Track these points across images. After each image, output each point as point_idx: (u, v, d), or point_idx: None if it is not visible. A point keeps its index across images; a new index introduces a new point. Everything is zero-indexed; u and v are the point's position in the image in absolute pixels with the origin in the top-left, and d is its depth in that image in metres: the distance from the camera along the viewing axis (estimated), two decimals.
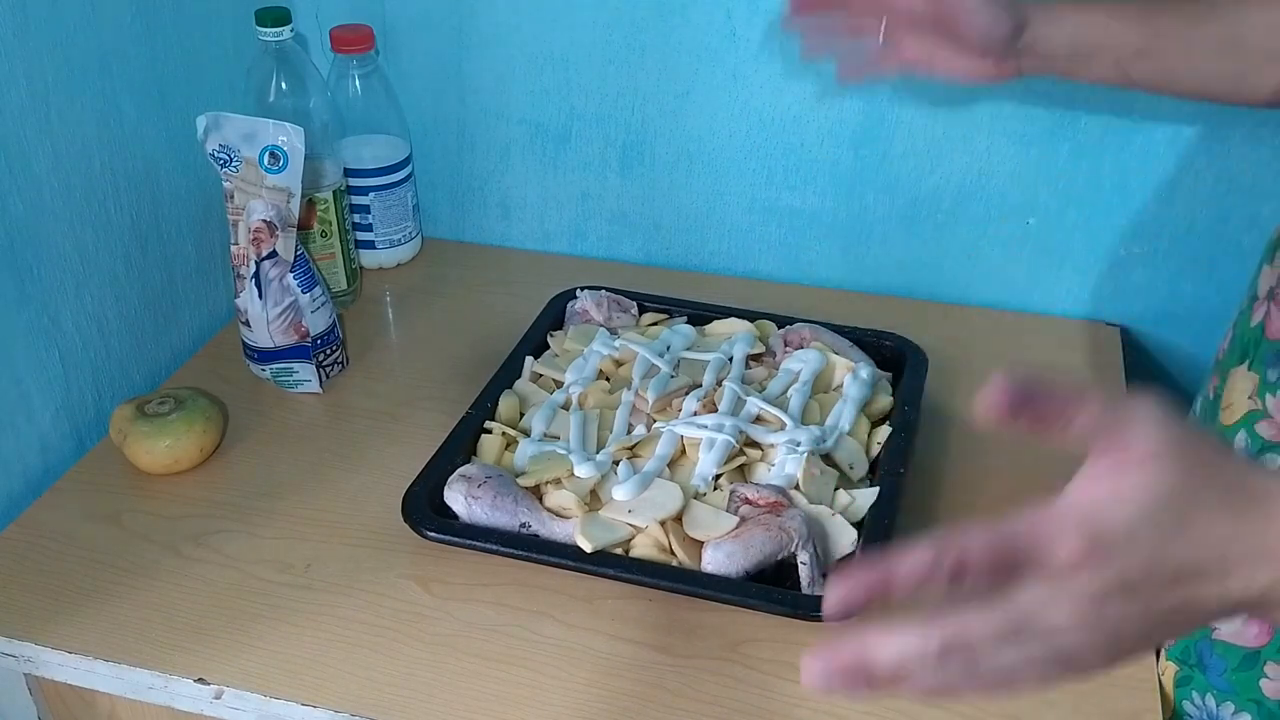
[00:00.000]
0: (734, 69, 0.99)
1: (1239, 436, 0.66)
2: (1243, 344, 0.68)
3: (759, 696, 0.67)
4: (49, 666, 0.70)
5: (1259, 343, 0.66)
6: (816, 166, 1.03)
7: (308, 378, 0.91)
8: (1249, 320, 0.68)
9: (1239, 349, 0.68)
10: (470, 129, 1.09)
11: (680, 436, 0.80)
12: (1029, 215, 1.01)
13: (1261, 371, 0.65)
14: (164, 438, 0.81)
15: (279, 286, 0.87)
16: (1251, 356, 0.66)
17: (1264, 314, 0.66)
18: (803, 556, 0.70)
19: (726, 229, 1.09)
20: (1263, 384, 0.65)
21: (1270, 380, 0.65)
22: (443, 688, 0.67)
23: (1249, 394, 0.66)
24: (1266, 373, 0.65)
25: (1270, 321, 0.66)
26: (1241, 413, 0.66)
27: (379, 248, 1.08)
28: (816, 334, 0.91)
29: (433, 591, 0.73)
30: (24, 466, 0.82)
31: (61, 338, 0.84)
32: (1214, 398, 0.70)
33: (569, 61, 1.03)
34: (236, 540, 0.78)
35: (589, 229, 1.12)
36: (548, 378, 0.89)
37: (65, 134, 0.81)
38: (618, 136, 1.06)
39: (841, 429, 0.81)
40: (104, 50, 0.83)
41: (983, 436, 0.88)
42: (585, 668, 0.68)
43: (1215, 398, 0.70)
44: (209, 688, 0.68)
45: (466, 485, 0.75)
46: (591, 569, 0.72)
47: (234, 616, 0.72)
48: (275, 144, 0.83)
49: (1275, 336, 0.65)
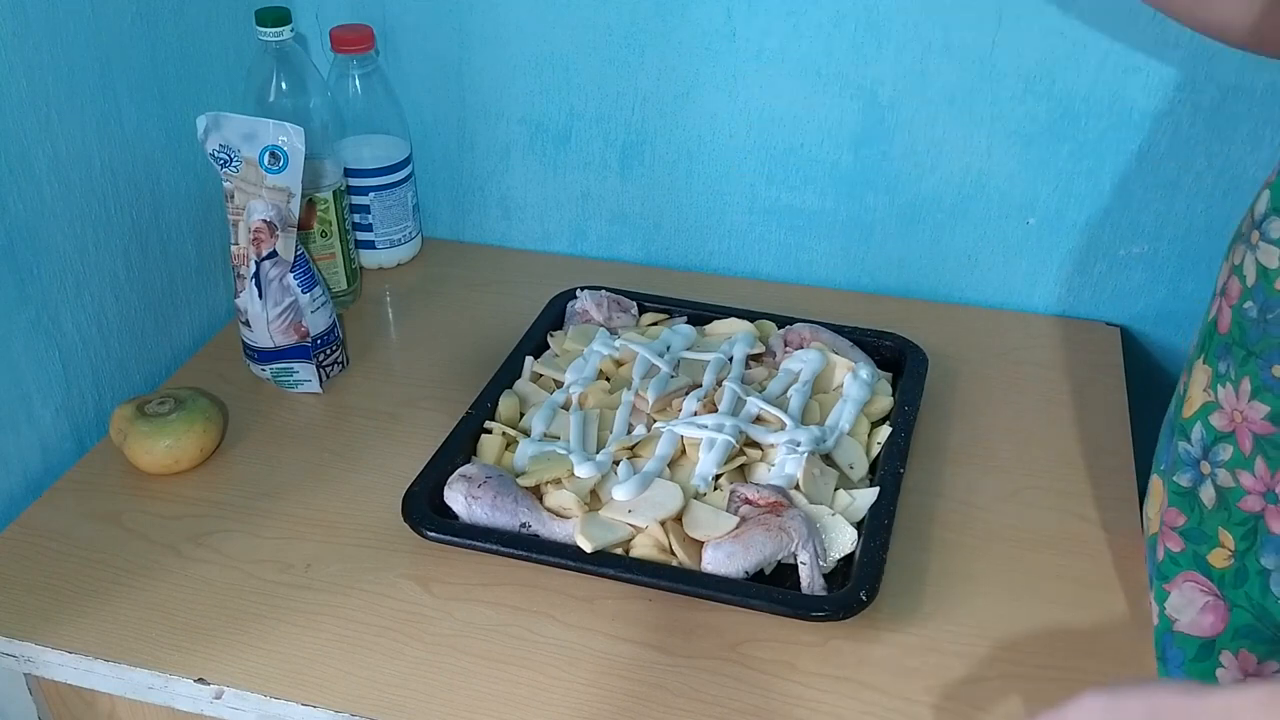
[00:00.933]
0: (734, 69, 1.00)
1: (1196, 428, 0.68)
2: (1201, 339, 0.70)
3: (759, 696, 0.67)
4: (49, 666, 0.70)
5: (1212, 336, 0.68)
6: (816, 166, 1.03)
7: (308, 378, 0.91)
8: (1209, 315, 0.70)
9: (1200, 344, 0.70)
10: (470, 129, 1.09)
11: (680, 436, 0.80)
12: (1029, 215, 1.01)
13: (1214, 364, 0.67)
14: (164, 438, 0.81)
15: (279, 286, 0.87)
16: (1207, 350, 0.68)
17: (1216, 309, 0.68)
18: (803, 556, 0.70)
19: (726, 229, 1.09)
20: (1215, 376, 0.67)
21: (1220, 372, 0.66)
22: (443, 688, 0.67)
23: (1204, 386, 0.68)
24: (1218, 365, 0.67)
25: (1220, 315, 0.67)
26: (1198, 405, 0.68)
27: (379, 248, 1.08)
28: (816, 334, 0.91)
29: (433, 591, 0.73)
30: (24, 466, 0.82)
31: (61, 338, 0.84)
32: (1183, 392, 0.72)
33: (569, 61, 1.03)
34: (236, 540, 0.78)
35: (589, 229, 1.12)
36: (548, 378, 0.89)
37: (65, 134, 0.81)
38: (618, 136, 1.06)
39: (841, 429, 0.82)
40: (104, 50, 0.83)
41: (982, 436, 0.88)
42: (585, 668, 0.68)
43: (1181, 394, 0.72)
44: (209, 688, 0.68)
45: (467, 485, 0.75)
46: (592, 569, 0.72)
47: (234, 616, 0.72)
48: (275, 144, 0.83)
49: (1224, 330, 0.67)
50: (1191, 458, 0.69)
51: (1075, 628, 0.71)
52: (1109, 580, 0.75)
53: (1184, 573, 0.70)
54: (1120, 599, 0.73)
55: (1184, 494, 0.69)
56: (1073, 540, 0.78)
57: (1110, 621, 0.72)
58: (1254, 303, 0.64)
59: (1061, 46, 0.92)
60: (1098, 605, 0.73)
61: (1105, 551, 0.77)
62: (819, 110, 1.00)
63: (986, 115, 0.97)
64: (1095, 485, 0.83)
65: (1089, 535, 0.79)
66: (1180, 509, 0.70)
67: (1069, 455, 0.86)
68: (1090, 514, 0.80)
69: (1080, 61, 0.92)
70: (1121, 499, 0.82)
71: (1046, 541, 0.78)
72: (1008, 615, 0.72)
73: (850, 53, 0.96)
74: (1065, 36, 0.91)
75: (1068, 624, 0.72)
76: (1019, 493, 0.83)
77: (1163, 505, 0.72)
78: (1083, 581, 0.75)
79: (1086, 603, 0.73)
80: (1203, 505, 0.68)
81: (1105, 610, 0.73)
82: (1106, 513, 0.81)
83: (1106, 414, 0.90)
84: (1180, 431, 0.70)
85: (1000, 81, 0.95)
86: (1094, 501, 0.82)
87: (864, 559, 0.71)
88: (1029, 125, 0.96)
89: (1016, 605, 0.73)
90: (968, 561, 0.76)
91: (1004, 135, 0.97)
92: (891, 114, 0.98)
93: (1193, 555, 0.69)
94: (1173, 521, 0.70)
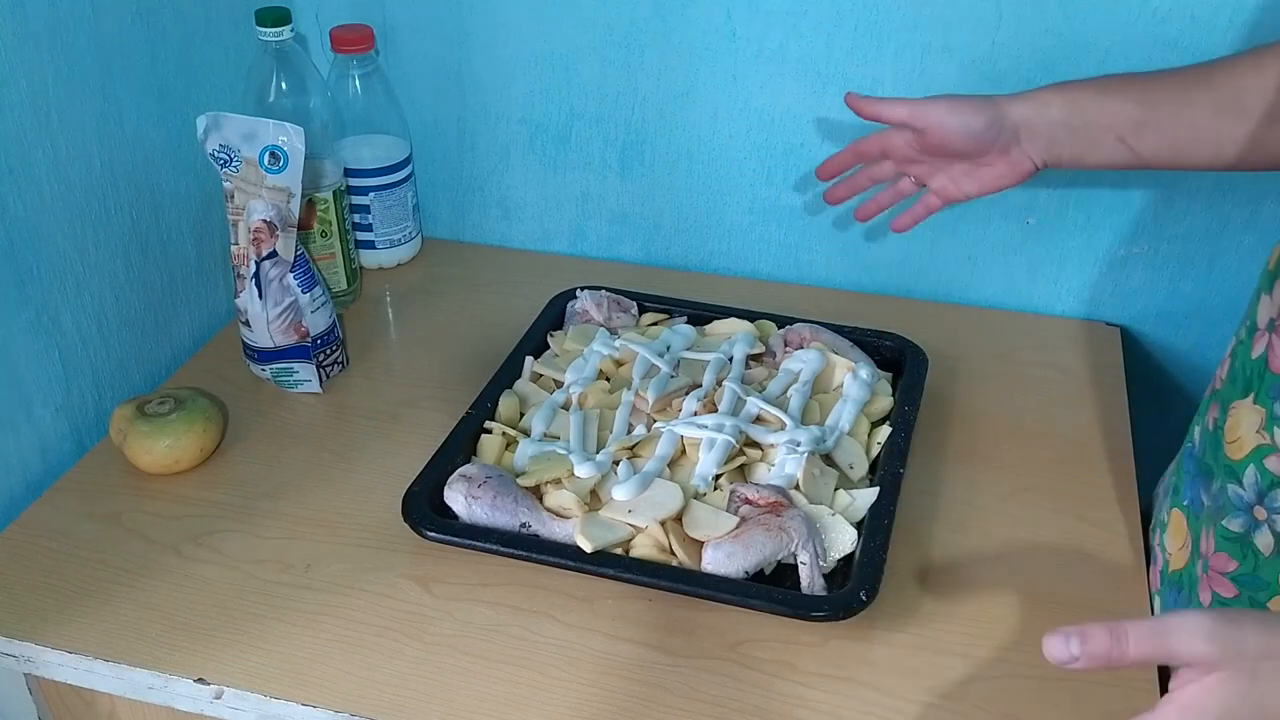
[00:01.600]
0: (734, 69, 1.00)
1: (1248, 471, 0.65)
2: (1245, 376, 0.67)
3: (759, 696, 0.67)
4: (49, 666, 0.70)
5: (1263, 375, 0.65)
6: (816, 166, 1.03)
7: (308, 378, 0.91)
8: (1249, 351, 0.67)
9: (1241, 381, 0.68)
10: (470, 129, 1.09)
11: (680, 436, 0.80)
12: (1029, 215, 1.01)
13: (1269, 405, 0.65)
14: (164, 438, 0.81)
15: (279, 286, 0.87)
16: (1256, 389, 0.66)
17: (1265, 345, 0.66)
18: (803, 556, 0.70)
19: (726, 229, 1.09)
20: (1270, 418, 0.64)
21: (1276, 414, 0.64)
22: (443, 688, 0.67)
23: (1257, 428, 0.65)
24: (1274, 406, 0.64)
25: (1273, 354, 0.65)
26: (1250, 448, 0.66)
27: (379, 248, 1.08)
28: (816, 334, 0.91)
29: (433, 591, 0.73)
30: (24, 466, 0.82)
31: (61, 338, 0.84)
32: (1214, 429, 0.70)
33: (569, 61, 1.03)
34: (236, 540, 0.78)
35: (589, 229, 1.12)
36: (548, 378, 0.89)
37: (65, 134, 0.81)
38: (618, 136, 1.06)
39: (841, 429, 0.82)
40: (104, 50, 0.83)
41: (982, 436, 0.88)
42: (585, 668, 0.68)
43: (1216, 429, 0.70)
44: (209, 688, 0.68)
45: (466, 485, 0.75)
46: (591, 569, 0.72)
47: (234, 616, 0.72)
48: (275, 144, 0.83)
49: (1278, 370, 0.64)
50: (1245, 502, 0.66)
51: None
52: (1108, 580, 0.75)
53: None
54: (1120, 599, 0.73)
55: (1235, 539, 0.67)
56: (1072, 540, 0.78)
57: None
58: None
59: (1061, 47, 0.92)
60: (1097, 605, 0.73)
61: (1105, 552, 0.77)
62: (819, 110, 1.00)
63: None
64: (1095, 485, 0.83)
65: (1088, 535, 0.79)
66: (1230, 554, 0.67)
67: (1069, 455, 0.86)
68: (1090, 514, 0.80)
69: (1080, 61, 0.92)
70: (1121, 499, 0.82)
71: (1046, 541, 0.78)
72: (1007, 615, 0.72)
73: (850, 53, 0.96)
74: (1065, 36, 0.91)
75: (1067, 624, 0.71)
76: (1019, 493, 0.83)
77: (1187, 541, 0.71)
78: (1082, 581, 0.75)
79: (1085, 603, 0.73)
80: (1258, 551, 0.65)
81: (1104, 610, 0.73)
82: (1106, 513, 0.81)
83: (1106, 414, 0.90)
84: (1228, 474, 0.67)
85: (1000, 81, 0.94)
86: (1094, 502, 0.82)
87: (864, 559, 0.71)
88: None
89: (1016, 605, 0.73)
90: (967, 561, 0.76)
91: None
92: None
93: (1249, 601, 0.66)
94: (1222, 567, 0.68)
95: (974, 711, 0.66)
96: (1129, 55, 0.90)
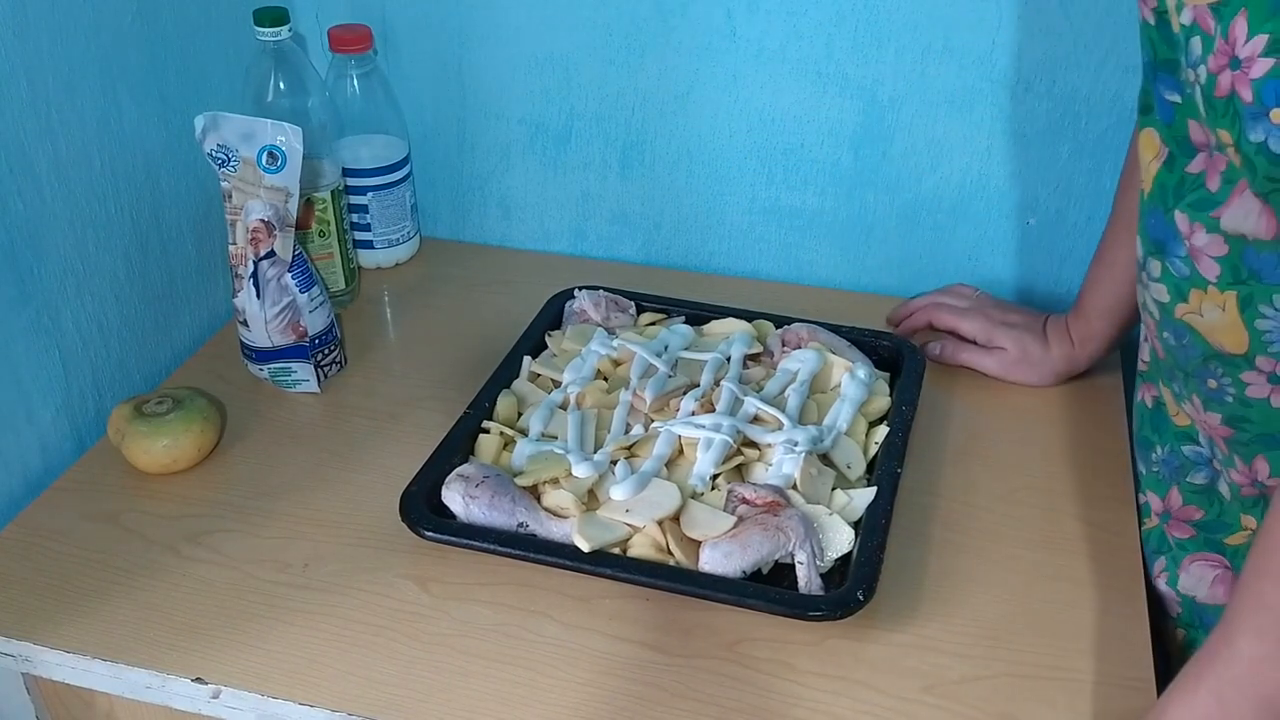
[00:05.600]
0: (734, 69, 1.00)
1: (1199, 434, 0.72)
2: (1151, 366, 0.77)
3: (756, 696, 0.67)
4: (47, 666, 0.71)
5: (1156, 363, 0.74)
6: (816, 166, 1.03)
7: (306, 377, 0.91)
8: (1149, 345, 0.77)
9: (1150, 371, 0.77)
10: (470, 129, 1.10)
11: (678, 436, 0.80)
12: (1029, 215, 1.01)
13: (1170, 386, 0.73)
14: (162, 437, 0.81)
15: (277, 286, 0.87)
16: (1159, 375, 0.75)
17: (1151, 342, 0.75)
18: (800, 556, 0.70)
19: (726, 229, 1.09)
20: (1175, 396, 0.73)
21: (1176, 392, 0.72)
22: (441, 687, 0.67)
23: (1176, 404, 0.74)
24: (1172, 386, 0.73)
25: (1155, 346, 0.73)
26: (1188, 418, 0.73)
27: (377, 248, 1.08)
28: (814, 334, 0.91)
29: (431, 591, 0.73)
30: (24, 466, 0.83)
31: (61, 338, 0.84)
32: (1154, 405, 0.77)
33: (569, 61, 1.03)
34: (235, 540, 0.78)
35: (589, 229, 1.12)
36: (546, 377, 0.89)
37: (65, 134, 0.81)
38: (618, 136, 1.06)
39: (839, 429, 0.81)
40: (104, 50, 0.83)
41: (980, 436, 0.88)
42: (583, 667, 0.68)
43: (1158, 405, 0.76)
44: (207, 687, 0.68)
45: (464, 485, 0.75)
46: (589, 569, 0.72)
47: (232, 616, 0.72)
48: (273, 144, 0.83)
49: (1162, 357, 0.72)
50: (1203, 458, 0.72)
51: (1072, 627, 0.71)
52: (1107, 580, 0.75)
53: (1190, 555, 0.74)
54: (1118, 598, 0.73)
55: (1201, 490, 0.73)
56: (1070, 540, 0.78)
57: (1107, 621, 0.72)
58: (1169, 333, 0.68)
59: (1061, 46, 0.92)
60: (1095, 605, 0.73)
61: (1103, 551, 0.77)
62: (819, 110, 1.00)
63: (986, 115, 0.97)
64: (1093, 485, 0.83)
65: (1087, 535, 0.79)
66: (1198, 505, 0.73)
67: (1067, 455, 0.86)
68: (1088, 514, 0.80)
69: (1080, 61, 0.92)
70: (1119, 499, 0.82)
71: (1044, 541, 0.78)
72: (1005, 615, 0.72)
73: (850, 53, 0.96)
74: (1065, 36, 0.91)
75: (1065, 623, 0.72)
76: (1016, 492, 0.82)
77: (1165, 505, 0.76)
78: (1080, 581, 0.75)
79: (1084, 602, 0.73)
80: (1222, 498, 0.71)
81: (1102, 610, 0.73)
82: (1104, 513, 0.80)
83: (1105, 414, 0.90)
84: (1183, 437, 0.73)
85: (1000, 81, 0.95)
86: (1091, 501, 0.81)
87: (861, 558, 0.71)
88: (1029, 125, 0.96)
89: (1014, 605, 0.73)
90: (965, 561, 0.76)
91: (1004, 135, 0.97)
92: (891, 114, 0.98)
93: (1204, 540, 0.73)
94: (1189, 516, 0.74)
95: (971, 711, 0.66)
96: (1129, 55, 0.90)
